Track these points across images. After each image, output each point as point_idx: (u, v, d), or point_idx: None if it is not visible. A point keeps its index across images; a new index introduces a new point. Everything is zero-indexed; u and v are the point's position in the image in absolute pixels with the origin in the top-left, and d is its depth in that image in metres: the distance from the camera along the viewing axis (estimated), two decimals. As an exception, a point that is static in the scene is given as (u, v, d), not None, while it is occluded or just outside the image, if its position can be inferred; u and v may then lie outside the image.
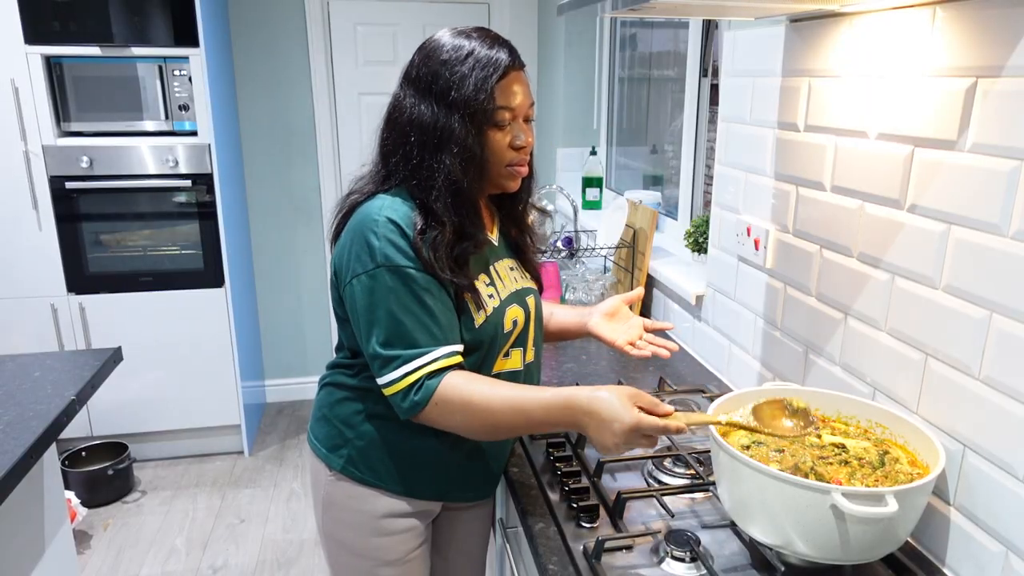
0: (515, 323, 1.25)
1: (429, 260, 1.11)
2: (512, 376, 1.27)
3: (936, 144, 1.04)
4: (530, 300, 1.31)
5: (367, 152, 1.25)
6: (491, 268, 1.26)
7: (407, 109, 1.17)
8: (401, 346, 1.11)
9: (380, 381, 1.13)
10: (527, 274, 1.36)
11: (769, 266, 1.51)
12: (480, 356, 1.21)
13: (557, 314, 1.49)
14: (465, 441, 1.24)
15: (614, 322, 1.42)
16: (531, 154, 1.25)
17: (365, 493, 1.27)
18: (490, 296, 1.21)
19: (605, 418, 1.03)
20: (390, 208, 1.14)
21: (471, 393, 1.10)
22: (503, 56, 1.15)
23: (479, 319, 1.19)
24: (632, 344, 1.36)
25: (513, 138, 1.18)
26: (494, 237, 1.31)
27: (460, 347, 1.16)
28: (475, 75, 1.13)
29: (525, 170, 1.23)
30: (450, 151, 1.14)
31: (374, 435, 1.25)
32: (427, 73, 1.16)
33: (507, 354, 1.27)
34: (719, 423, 1.08)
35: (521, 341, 1.29)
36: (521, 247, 1.36)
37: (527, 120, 1.21)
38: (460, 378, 1.11)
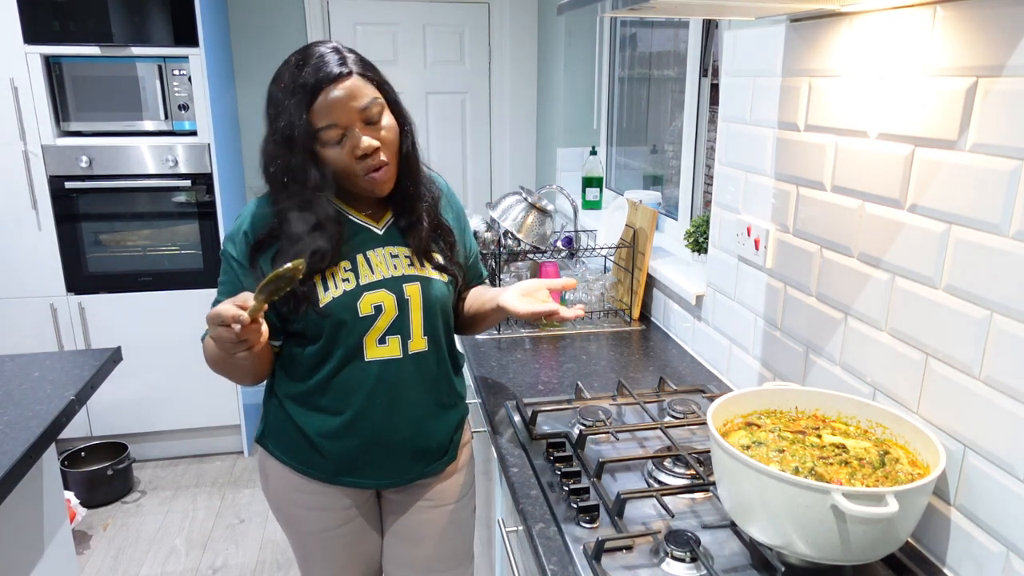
0: (378, 308, 1.27)
1: (248, 262, 1.24)
2: (391, 364, 1.30)
3: (937, 144, 1.04)
4: (411, 288, 1.30)
5: None
6: (360, 255, 1.28)
7: (265, 134, 1.23)
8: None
9: None
10: (423, 263, 1.33)
11: (769, 266, 1.51)
12: (330, 337, 1.26)
13: (486, 294, 1.45)
14: (337, 419, 1.31)
15: (526, 298, 1.37)
16: (404, 146, 1.26)
17: (276, 465, 1.38)
18: (344, 280, 1.25)
19: None
20: (255, 207, 1.27)
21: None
22: (308, 78, 1.15)
23: (324, 299, 1.24)
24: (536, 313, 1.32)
25: (352, 149, 1.18)
26: (380, 225, 1.32)
27: None
28: (289, 104, 1.16)
29: (382, 174, 1.23)
30: (279, 179, 1.20)
31: (276, 412, 1.36)
32: (266, 103, 1.22)
33: (382, 340, 1.29)
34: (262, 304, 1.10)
35: (398, 328, 1.30)
36: (414, 237, 1.33)
37: (369, 122, 1.19)
38: None
